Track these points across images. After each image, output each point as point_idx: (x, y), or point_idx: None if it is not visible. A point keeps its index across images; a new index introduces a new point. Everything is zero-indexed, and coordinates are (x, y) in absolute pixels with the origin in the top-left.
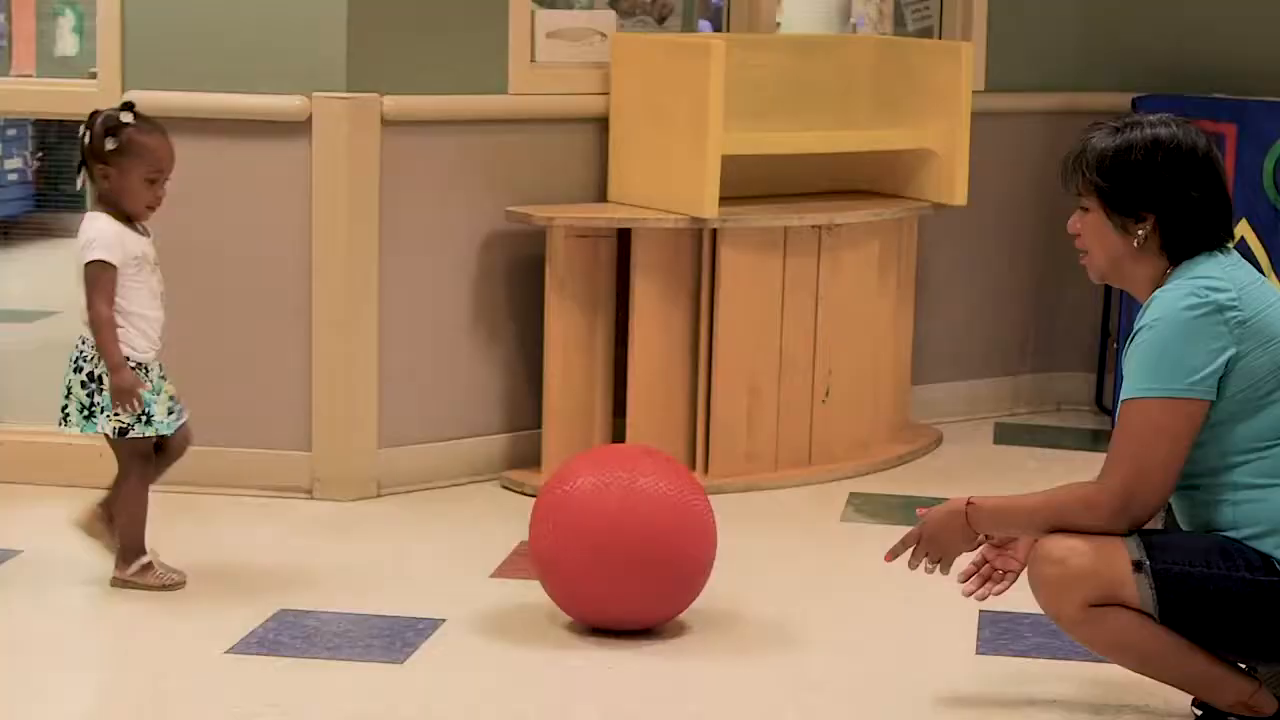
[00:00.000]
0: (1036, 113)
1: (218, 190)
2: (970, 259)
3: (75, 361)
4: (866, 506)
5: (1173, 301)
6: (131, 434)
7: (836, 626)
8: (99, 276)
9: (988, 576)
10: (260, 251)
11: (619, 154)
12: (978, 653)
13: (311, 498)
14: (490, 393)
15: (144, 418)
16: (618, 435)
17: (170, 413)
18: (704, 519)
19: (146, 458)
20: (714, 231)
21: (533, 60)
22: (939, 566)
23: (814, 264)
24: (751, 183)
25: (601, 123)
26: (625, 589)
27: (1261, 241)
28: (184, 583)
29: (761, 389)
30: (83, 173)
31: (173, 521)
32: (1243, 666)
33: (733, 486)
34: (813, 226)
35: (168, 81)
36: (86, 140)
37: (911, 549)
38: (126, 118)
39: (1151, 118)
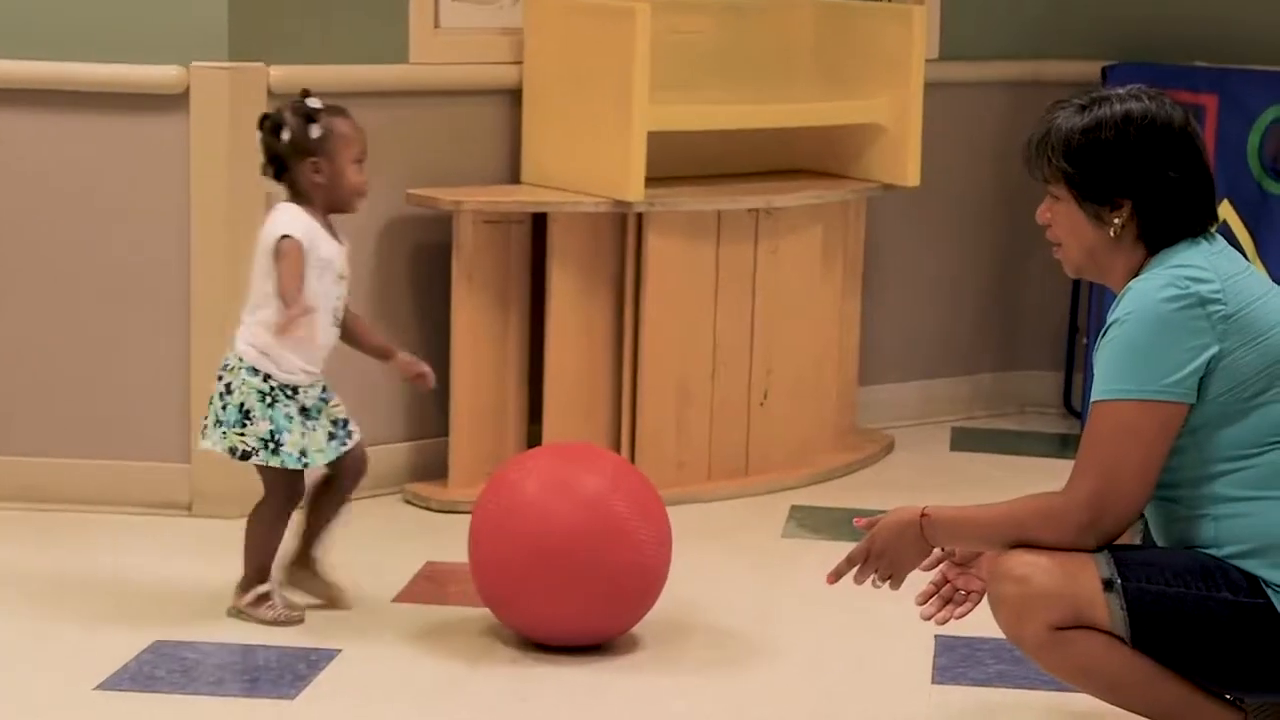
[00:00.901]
0: (996, 83)
1: (83, 172)
2: (924, 246)
3: (220, 371)
4: (809, 520)
5: (1149, 293)
6: (255, 461)
7: (776, 655)
8: (290, 249)
9: (948, 598)
10: (132, 240)
11: (533, 130)
12: (934, 682)
13: (191, 515)
14: (390, 397)
15: (270, 444)
16: (533, 442)
17: (332, 439)
18: (659, 525)
19: (292, 487)
20: (639, 216)
21: (436, 25)
22: (889, 582)
23: (750, 252)
24: (681, 162)
25: (514, 95)
26: (572, 602)
27: (1246, 224)
28: (301, 620)
29: (693, 391)
30: (277, 178)
31: (37, 542)
32: (1228, 696)
33: (662, 498)
34: (749, 210)
35: (22, 49)
36: (285, 137)
37: (858, 567)
38: (316, 103)
39: (1120, 91)
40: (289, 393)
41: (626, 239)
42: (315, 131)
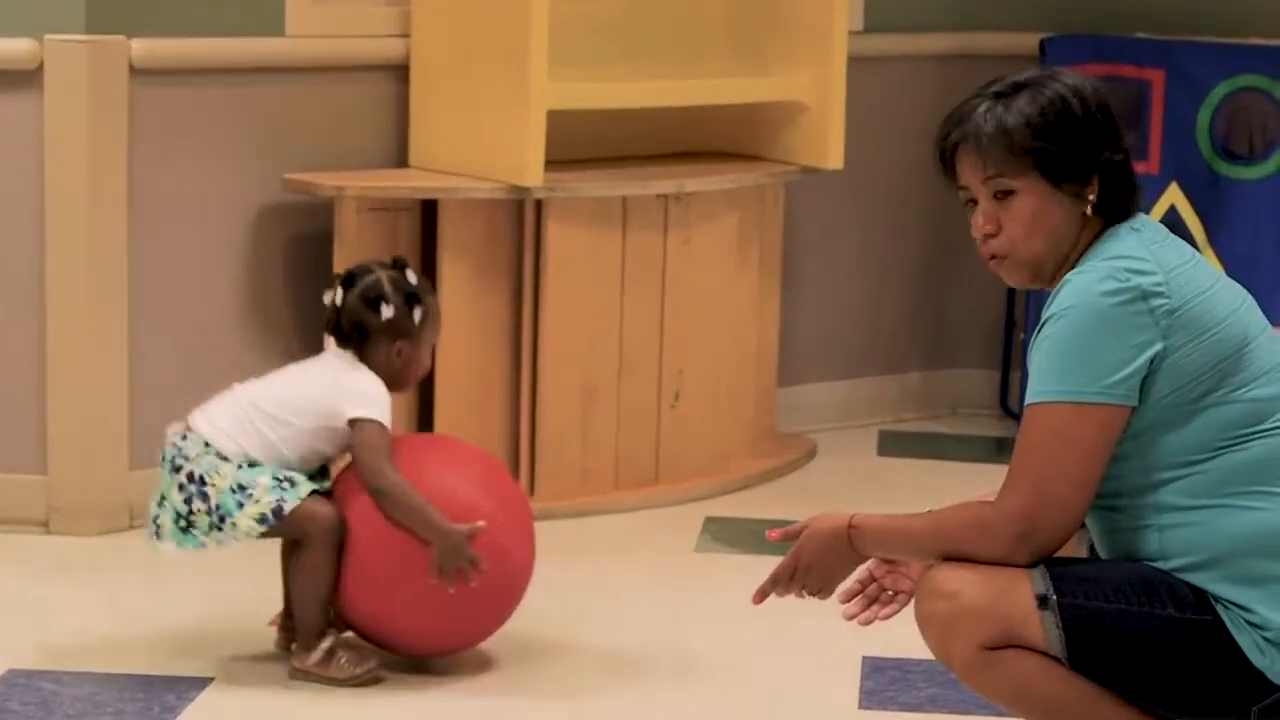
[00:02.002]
0: (925, 57)
1: None
2: (848, 234)
3: (172, 460)
4: (725, 533)
5: (1087, 287)
6: (288, 510)
7: (689, 680)
8: (381, 438)
9: (874, 598)
10: None
11: (422, 110)
12: (861, 707)
13: (48, 532)
14: None
15: (284, 483)
16: None
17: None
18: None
19: (331, 522)
20: (538, 203)
21: None
22: (819, 595)
23: (660, 241)
24: (583, 144)
25: (400, 71)
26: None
27: (1195, 209)
28: (379, 677)
29: (598, 392)
30: (354, 346)
31: None
32: None
33: (564, 510)
34: (658, 196)
35: None
36: (387, 315)
37: (785, 584)
38: (415, 280)
39: (1040, 72)
40: (223, 459)
41: (524, 228)
42: (419, 315)
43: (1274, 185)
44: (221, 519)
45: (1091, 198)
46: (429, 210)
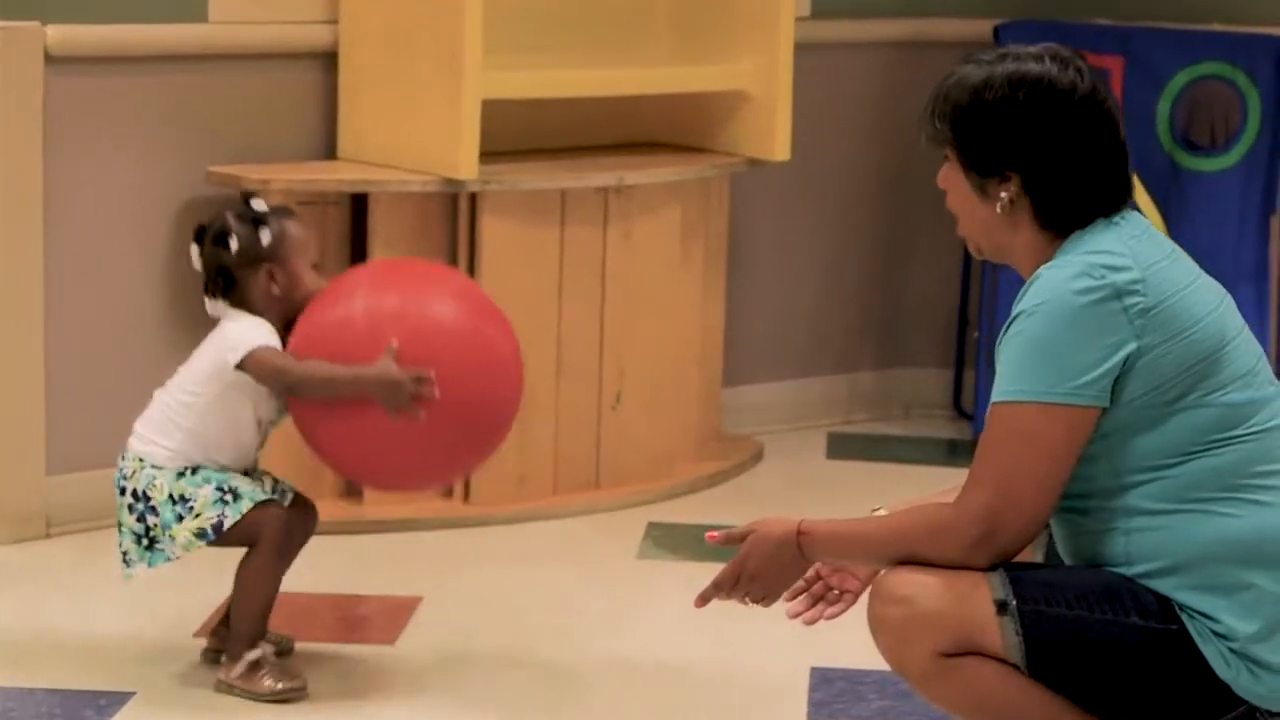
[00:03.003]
0: (876, 44)
1: None
2: (795, 228)
3: (118, 485)
4: (668, 539)
5: (1060, 283)
6: (229, 524)
7: (630, 689)
8: (269, 356)
9: (820, 595)
10: None
11: (351, 99)
12: (810, 719)
13: None
14: None
15: (226, 496)
16: None
17: (276, 484)
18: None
19: (279, 521)
20: (473, 196)
21: None
22: (763, 602)
23: (600, 236)
24: (520, 135)
25: (329, 59)
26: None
27: (1155, 202)
28: (303, 695)
29: (535, 394)
30: (225, 293)
31: None
32: None
33: (500, 516)
34: (597, 189)
35: None
36: (234, 246)
37: (727, 591)
38: (262, 206)
39: (1030, 49)
40: (193, 471)
41: (458, 222)
42: (266, 237)
43: (1236, 177)
44: (163, 530)
45: (1004, 196)
46: (359, 204)
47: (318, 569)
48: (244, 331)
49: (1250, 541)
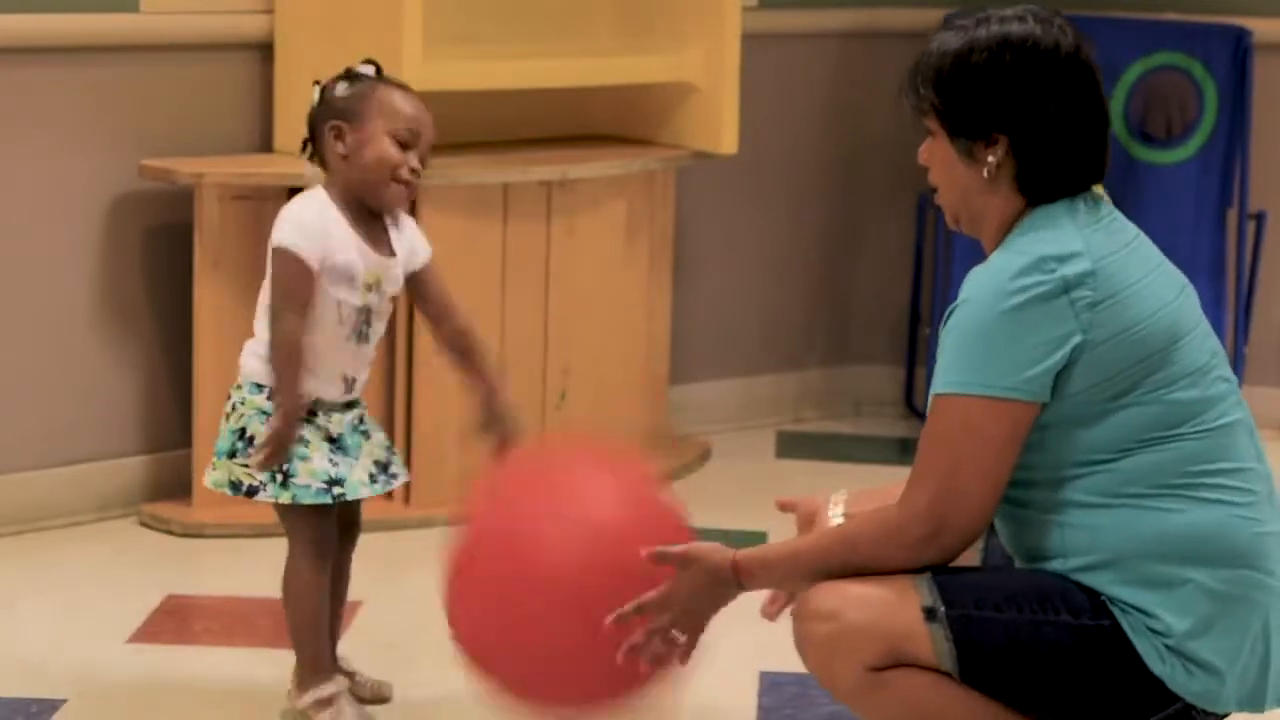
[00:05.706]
0: (825, 35)
1: None
2: (743, 222)
3: (230, 391)
4: None
5: (1005, 271)
6: (263, 497)
7: None
8: (283, 270)
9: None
10: None
11: (287, 91)
12: None
13: None
14: (123, 403)
15: (278, 475)
16: None
17: (374, 482)
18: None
19: (318, 529)
20: None
21: None
22: (686, 637)
23: (543, 231)
24: (460, 128)
25: (264, 50)
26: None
27: (1109, 194)
28: None
29: None
30: (312, 153)
31: None
32: None
33: (443, 518)
34: (540, 183)
35: None
36: (316, 98)
37: (650, 616)
38: (368, 68)
39: (1011, 10)
40: (304, 414)
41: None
42: (346, 90)
43: (1192, 170)
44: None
45: (991, 160)
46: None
47: (256, 571)
48: (286, 216)
49: (1188, 537)
